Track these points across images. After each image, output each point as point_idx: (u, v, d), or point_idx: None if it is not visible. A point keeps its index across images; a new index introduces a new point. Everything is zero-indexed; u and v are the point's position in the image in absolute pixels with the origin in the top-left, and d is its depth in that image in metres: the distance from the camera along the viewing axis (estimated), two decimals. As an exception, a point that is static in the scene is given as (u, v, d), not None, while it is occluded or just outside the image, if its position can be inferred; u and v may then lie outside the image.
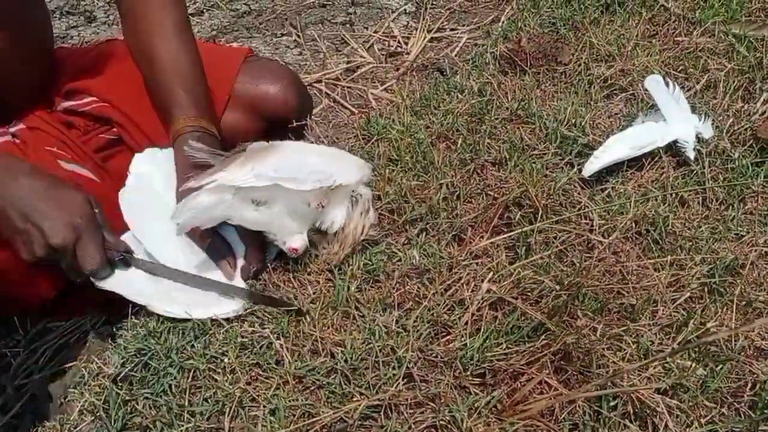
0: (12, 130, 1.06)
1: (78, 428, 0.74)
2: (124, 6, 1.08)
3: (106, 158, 1.11)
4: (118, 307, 1.16)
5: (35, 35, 1.08)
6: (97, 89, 1.10)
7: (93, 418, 0.74)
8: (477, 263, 0.89)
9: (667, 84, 1.11)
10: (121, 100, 1.09)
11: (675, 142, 1.06)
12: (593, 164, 1.01)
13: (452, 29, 1.87)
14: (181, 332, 0.81)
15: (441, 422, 0.72)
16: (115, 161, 1.11)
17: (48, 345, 1.20)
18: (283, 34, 1.97)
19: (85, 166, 1.06)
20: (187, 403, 0.74)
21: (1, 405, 1.14)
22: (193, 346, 0.80)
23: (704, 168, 1.03)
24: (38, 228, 0.84)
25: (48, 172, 0.92)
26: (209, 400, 0.75)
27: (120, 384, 0.78)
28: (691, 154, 1.04)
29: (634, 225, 0.94)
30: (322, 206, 0.85)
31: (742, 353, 0.78)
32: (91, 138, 1.10)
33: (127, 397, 0.75)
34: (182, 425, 0.72)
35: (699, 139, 1.07)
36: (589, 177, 1.01)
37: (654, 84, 1.12)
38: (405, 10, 2.01)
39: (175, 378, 0.77)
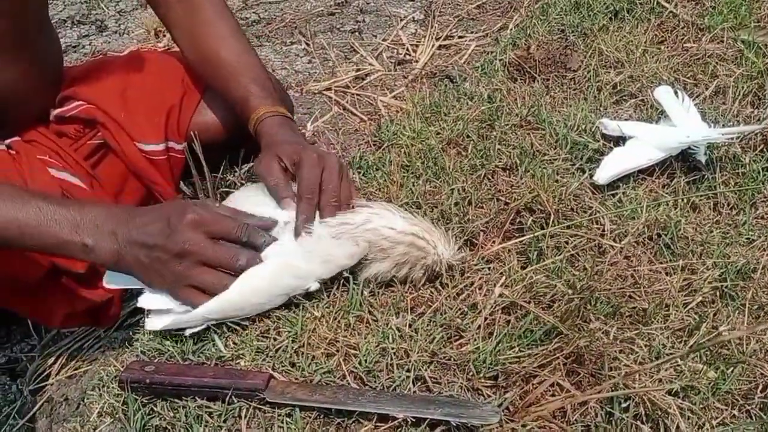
0: (7, 141, 1.10)
1: (98, 430, 0.75)
2: (172, 17, 1.12)
3: (94, 165, 1.16)
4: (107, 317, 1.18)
5: (48, 65, 1.13)
6: (84, 93, 1.15)
7: (112, 419, 0.75)
8: (489, 268, 0.90)
9: (676, 93, 1.12)
10: (104, 101, 1.14)
11: (688, 148, 1.06)
12: (604, 171, 1.01)
13: (460, 37, 1.87)
14: (197, 335, 0.82)
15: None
16: (102, 167, 1.16)
17: (63, 349, 1.21)
18: (292, 43, 1.98)
19: (75, 174, 1.10)
20: (204, 405, 0.75)
21: (17, 409, 1.15)
22: (209, 348, 0.81)
23: (715, 173, 1.04)
24: (156, 260, 0.80)
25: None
26: (226, 402, 0.75)
27: (138, 386, 0.79)
28: (702, 159, 1.05)
29: (645, 230, 0.94)
30: None
31: (754, 356, 0.79)
32: (81, 145, 1.15)
33: (146, 400, 0.76)
34: (200, 427, 0.73)
35: (710, 144, 1.07)
36: (603, 183, 1.01)
37: (664, 95, 1.12)
38: (413, 18, 2.02)
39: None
